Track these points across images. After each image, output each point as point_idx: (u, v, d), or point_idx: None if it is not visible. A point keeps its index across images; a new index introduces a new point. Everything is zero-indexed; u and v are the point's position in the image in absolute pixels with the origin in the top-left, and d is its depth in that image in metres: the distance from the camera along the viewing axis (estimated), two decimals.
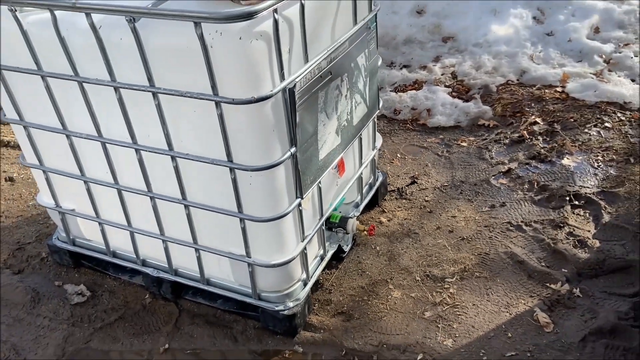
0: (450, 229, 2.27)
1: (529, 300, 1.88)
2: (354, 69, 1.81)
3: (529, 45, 3.39)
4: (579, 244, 2.09)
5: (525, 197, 2.40)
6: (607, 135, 2.70)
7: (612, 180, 2.41)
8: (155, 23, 1.38)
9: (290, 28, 1.42)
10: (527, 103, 3.05)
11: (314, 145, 1.64)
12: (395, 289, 1.99)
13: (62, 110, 1.72)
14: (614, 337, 1.70)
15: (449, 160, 2.76)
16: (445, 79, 3.37)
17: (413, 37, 3.72)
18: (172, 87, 1.44)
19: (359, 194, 2.25)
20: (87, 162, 1.83)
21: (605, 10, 3.42)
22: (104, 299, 2.08)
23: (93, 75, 1.55)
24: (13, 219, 2.59)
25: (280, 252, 1.69)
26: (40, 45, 1.59)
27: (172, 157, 1.59)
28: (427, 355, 1.71)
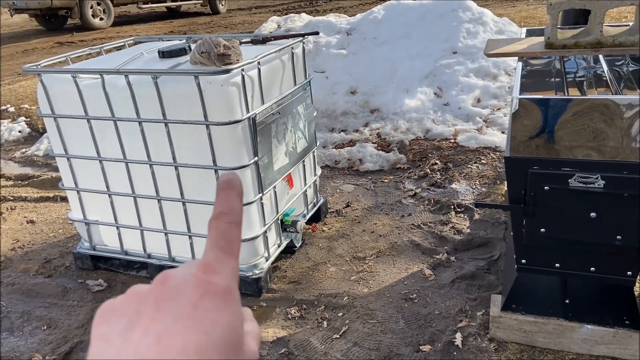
0: (372, 230, 2.97)
1: (420, 265, 2.57)
2: (295, 114, 2.59)
3: (432, 112, 4.30)
4: (457, 232, 2.82)
5: (424, 209, 3.15)
6: (483, 168, 3.53)
7: (483, 194, 3.20)
8: (170, 79, 2.13)
9: (252, 81, 2.20)
10: (430, 151, 3.89)
11: (269, 158, 2.37)
12: (331, 266, 2.65)
13: (99, 143, 2.41)
14: (473, 279, 2.39)
15: (374, 191, 3.51)
16: (372, 138, 4.21)
17: (348, 110, 4.60)
18: (178, 118, 2.17)
19: (305, 207, 2.94)
20: (112, 180, 2.48)
21: (484, 86, 4.40)
22: (118, 287, 2.64)
23: (124, 116, 2.26)
24: (39, 245, 3.14)
25: (249, 231, 2.34)
26: (89, 99, 2.31)
27: (175, 167, 2.28)
28: (351, 298, 2.35)
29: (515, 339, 1.96)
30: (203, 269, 0.34)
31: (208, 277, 0.33)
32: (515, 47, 2.09)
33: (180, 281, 0.33)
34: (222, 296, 0.33)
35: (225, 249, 0.35)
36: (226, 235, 0.36)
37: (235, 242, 0.36)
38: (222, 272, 0.34)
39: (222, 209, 0.36)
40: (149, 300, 0.33)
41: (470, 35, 4.79)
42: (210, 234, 0.36)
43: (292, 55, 2.53)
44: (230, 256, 0.35)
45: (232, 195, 0.37)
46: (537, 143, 1.65)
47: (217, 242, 0.36)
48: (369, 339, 2.10)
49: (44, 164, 4.36)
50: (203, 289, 0.32)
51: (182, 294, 0.32)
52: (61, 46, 9.21)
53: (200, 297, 0.32)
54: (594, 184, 1.58)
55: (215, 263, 0.34)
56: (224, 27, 9.64)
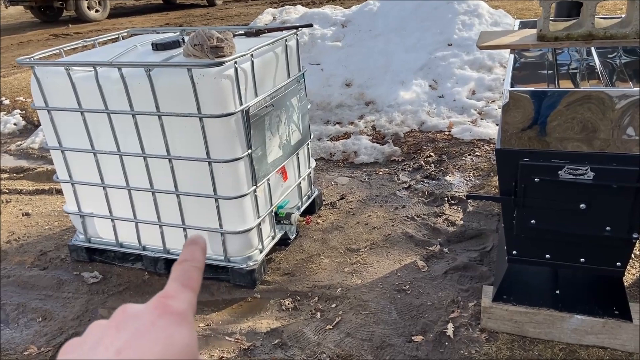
0: (366, 222, 2.98)
1: (414, 256, 2.58)
2: (289, 106, 2.58)
3: (427, 104, 4.30)
4: (451, 224, 2.83)
5: (419, 201, 3.16)
6: (477, 160, 3.54)
7: (477, 187, 3.21)
8: (163, 72, 2.12)
9: (245, 74, 2.19)
10: (425, 143, 3.89)
11: (263, 151, 2.36)
12: (325, 258, 2.66)
13: (93, 135, 2.40)
14: (465, 270, 2.40)
15: (369, 183, 3.52)
16: (367, 130, 4.21)
17: (343, 103, 4.60)
18: (171, 111, 2.16)
19: (299, 200, 2.95)
20: (106, 173, 2.48)
21: (479, 79, 4.40)
22: (113, 279, 2.64)
23: (118, 108, 2.26)
24: (34, 237, 3.14)
25: (243, 223, 2.35)
26: (82, 91, 2.30)
27: (169, 159, 2.28)
28: (344, 289, 2.37)
29: (506, 329, 1.98)
30: (161, 294, 0.38)
31: (165, 301, 0.37)
32: (507, 39, 2.09)
33: (139, 308, 0.36)
34: (178, 316, 0.36)
35: (184, 284, 0.39)
36: (187, 273, 0.40)
37: (194, 279, 0.40)
38: (179, 299, 0.37)
39: (187, 257, 0.41)
40: (110, 326, 0.36)
41: (465, 27, 4.77)
42: (172, 274, 0.40)
43: (285, 47, 2.53)
44: (189, 289, 0.39)
45: (196, 249, 0.42)
46: (528, 135, 1.65)
47: (177, 277, 0.39)
48: (361, 330, 2.12)
49: (40, 157, 4.34)
50: (161, 310, 0.36)
51: (142, 316, 0.35)
52: (56, 38, 9.14)
53: (158, 315, 0.35)
54: (584, 176, 1.59)
55: (174, 292, 0.38)
56: (220, 19, 9.58)
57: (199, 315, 2.30)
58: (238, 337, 2.13)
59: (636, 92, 1.54)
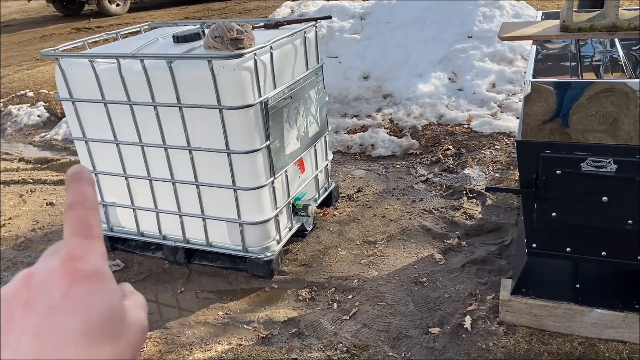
0: (383, 215, 2.98)
1: (431, 249, 2.57)
2: (307, 99, 2.59)
3: (445, 97, 4.27)
4: (469, 217, 2.81)
5: (436, 194, 3.15)
6: (496, 154, 3.50)
7: (496, 180, 3.18)
8: (184, 64, 2.15)
9: (264, 66, 2.20)
10: (443, 136, 3.87)
11: (281, 142, 2.38)
12: (342, 250, 2.67)
13: (115, 126, 2.44)
14: (484, 264, 2.39)
15: (386, 176, 3.51)
16: (385, 123, 4.19)
17: (361, 96, 4.58)
18: (192, 102, 2.18)
19: (316, 192, 2.96)
20: (128, 163, 2.52)
21: (500, 71, 4.34)
22: (134, 268, 2.69)
23: (140, 100, 2.29)
24: (58, 226, 3.21)
25: (261, 214, 2.37)
26: (105, 83, 2.34)
27: (189, 151, 2.31)
28: (361, 281, 2.38)
29: (524, 322, 1.97)
30: (66, 257, 0.33)
31: (73, 265, 0.33)
32: (530, 30, 2.06)
33: (45, 276, 0.33)
34: (91, 279, 0.32)
35: (86, 235, 0.34)
36: (84, 221, 0.35)
37: (95, 226, 0.35)
38: (87, 257, 0.33)
39: (75, 198, 0.35)
40: (16, 302, 0.32)
41: (486, 19, 4.71)
42: (68, 223, 0.35)
43: (304, 39, 2.53)
44: (93, 240, 0.34)
45: (82, 185, 0.36)
46: (550, 127, 1.63)
47: (76, 229, 0.34)
48: (378, 321, 2.13)
49: (63, 148, 4.43)
50: (70, 277, 0.32)
51: (50, 287, 0.32)
52: (78, 32, 9.28)
53: (69, 285, 0.32)
54: (606, 168, 1.57)
55: (79, 249, 0.34)
56: (238, 13, 9.61)
57: (217, 303, 2.34)
58: (256, 326, 2.16)
59: None
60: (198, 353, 2.06)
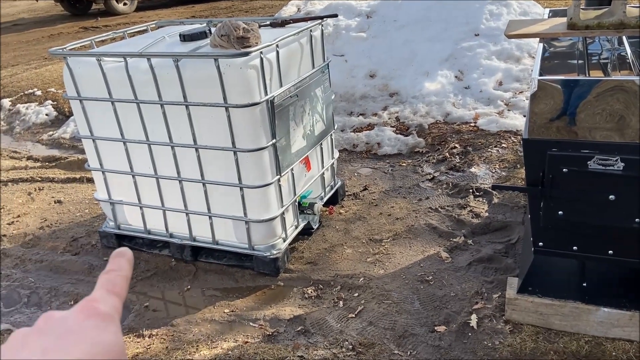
0: (389, 213, 2.98)
1: (437, 248, 2.57)
2: (313, 97, 2.60)
3: (452, 95, 4.25)
4: (475, 216, 2.81)
5: (442, 192, 3.14)
6: (503, 152, 3.49)
7: (503, 179, 3.17)
8: (190, 62, 2.16)
9: (270, 64, 2.21)
10: (450, 135, 3.86)
11: (287, 141, 2.38)
12: (348, 248, 2.67)
13: (122, 125, 2.46)
14: (490, 262, 2.39)
15: (392, 175, 3.51)
16: (391, 122, 4.19)
17: (367, 94, 4.58)
18: (198, 101, 2.19)
19: (322, 190, 2.96)
20: (135, 162, 2.54)
21: (506, 69, 4.32)
22: (141, 265, 2.71)
23: (147, 98, 2.30)
24: (66, 224, 3.24)
25: (267, 211, 2.38)
26: (113, 82, 2.35)
27: (196, 149, 2.32)
28: (367, 279, 2.38)
29: (530, 321, 1.96)
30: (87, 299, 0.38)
31: (91, 304, 0.38)
32: (537, 28, 2.05)
33: (64, 314, 0.37)
34: (104, 318, 0.37)
35: (109, 290, 0.40)
36: (112, 281, 0.41)
37: (119, 286, 0.41)
38: (105, 302, 0.38)
39: (112, 267, 0.43)
40: (32, 332, 0.36)
41: (493, 17, 4.69)
42: (99, 282, 0.41)
43: (310, 38, 2.53)
44: (114, 295, 0.40)
45: (121, 260, 0.43)
46: (556, 125, 1.63)
47: (103, 285, 0.40)
48: (384, 319, 2.13)
49: (71, 147, 4.46)
50: (87, 312, 0.37)
51: (67, 319, 0.36)
52: (86, 31, 9.33)
53: (85, 318, 0.36)
54: (613, 166, 1.56)
55: (99, 297, 0.39)
56: (245, 12, 9.63)
57: (224, 301, 2.35)
58: (262, 323, 2.17)
59: None
60: (204, 350, 2.07)
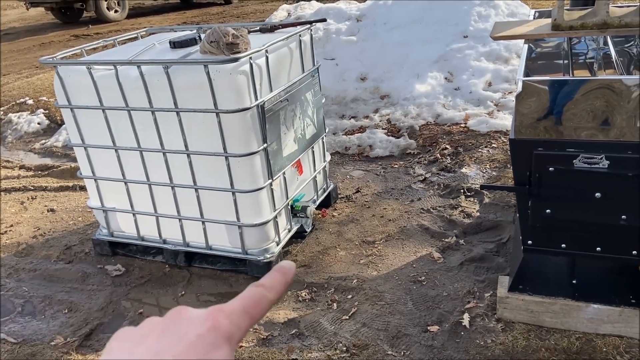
0: (382, 215, 2.99)
1: (429, 248, 2.59)
2: (304, 101, 2.61)
3: (442, 97, 4.28)
4: (467, 216, 2.83)
5: (434, 193, 3.16)
6: (493, 152, 3.52)
7: (493, 178, 3.19)
8: (180, 69, 2.16)
9: (260, 69, 2.22)
10: (441, 136, 3.88)
11: (278, 145, 2.39)
12: (341, 250, 2.68)
13: (114, 132, 2.46)
14: (482, 262, 2.40)
15: (384, 177, 3.53)
16: (382, 124, 4.21)
17: (358, 97, 4.60)
18: (189, 107, 2.20)
19: (315, 193, 2.97)
20: (127, 168, 2.54)
21: (496, 70, 4.36)
22: (135, 272, 2.71)
23: (138, 105, 2.31)
24: (59, 232, 3.23)
25: (260, 216, 2.39)
26: (103, 89, 2.36)
27: (187, 155, 2.32)
28: (360, 281, 2.39)
29: (522, 319, 1.98)
30: (219, 307, 0.37)
31: (218, 315, 0.36)
32: (522, 29, 2.08)
33: (193, 314, 0.37)
34: (224, 336, 0.36)
35: (247, 308, 0.38)
36: (256, 299, 0.39)
37: (259, 307, 0.39)
38: (233, 320, 0.37)
39: (266, 282, 0.41)
40: (160, 326, 0.36)
41: (481, 18, 4.73)
42: (243, 292, 0.40)
43: (299, 42, 2.55)
44: (248, 315, 0.38)
45: (279, 277, 0.41)
46: (542, 125, 1.65)
47: (245, 298, 0.39)
48: (377, 320, 2.14)
49: (63, 155, 4.45)
50: (211, 324, 0.36)
51: (192, 323, 0.36)
52: (77, 39, 9.31)
53: (206, 329, 0.35)
54: (599, 165, 1.58)
55: (232, 311, 0.37)
56: (236, 17, 9.65)
57: None
58: (256, 327, 2.17)
59: None
60: None
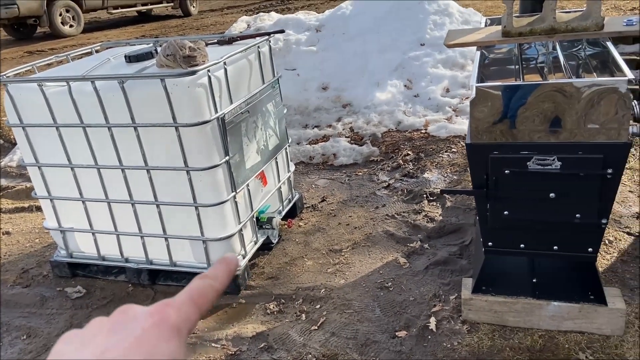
0: (347, 223, 3.00)
1: (395, 254, 2.60)
2: (265, 112, 2.60)
3: (402, 104, 4.35)
4: (430, 220, 2.86)
5: (398, 199, 3.19)
6: (453, 157, 3.59)
7: (454, 182, 3.25)
8: (136, 83, 2.12)
9: (219, 82, 2.20)
10: (402, 142, 3.93)
11: (241, 157, 2.37)
12: (308, 260, 2.67)
13: (69, 150, 2.38)
14: (446, 265, 2.44)
15: (349, 184, 3.54)
16: (345, 132, 4.23)
17: (321, 106, 4.62)
18: (147, 122, 2.15)
19: (280, 204, 2.95)
20: (85, 187, 2.46)
21: (452, 76, 4.46)
22: (97, 293, 2.62)
23: (93, 122, 2.24)
24: (15, 255, 3.09)
25: (224, 229, 2.35)
26: (56, 107, 2.28)
27: (147, 170, 2.27)
28: (328, 290, 2.38)
29: (486, 319, 2.01)
30: (165, 302, 0.37)
31: (165, 309, 0.36)
32: (473, 37, 2.13)
33: (139, 310, 0.37)
34: (171, 329, 0.35)
35: (193, 299, 0.38)
36: (201, 290, 0.39)
37: (206, 298, 0.39)
38: (180, 312, 0.37)
39: (210, 272, 0.41)
40: (106, 325, 0.36)
41: (437, 26, 4.84)
42: (188, 285, 0.39)
43: (258, 54, 2.54)
44: (195, 306, 0.38)
45: (222, 268, 0.42)
46: (496, 129, 1.69)
47: (190, 291, 0.39)
48: (346, 329, 2.13)
49: (18, 175, 4.28)
50: (157, 317, 0.36)
51: (138, 319, 0.36)
52: (31, 55, 9.02)
53: (153, 323, 0.35)
54: (551, 166, 1.63)
55: (179, 303, 0.37)
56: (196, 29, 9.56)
57: None
58: (224, 343, 2.13)
59: (598, 82, 1.59)
60: None
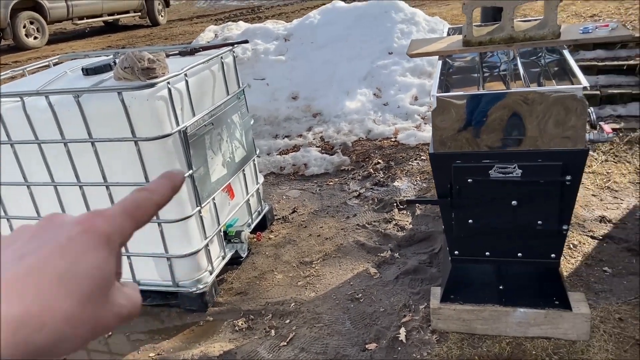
0: (318, 234, 2.97)
1: (366, 264, 2.59)
2: (230, 124, 2.56)
3: (372, 112, 4.36)
4: (400, 229, 2.86)
5: (369, 208, 3.18)
6: (423, 164, 3.60)
7: (424, 190, 3.26)
8: (92, 97, 2.06)
9: (180, 94, 2.15)
10: (373, 151, 3.94)
11: (205, 170, 2.32)
12: (278, 274, 2.63)
13: (24, 167, 2.29)
14: (416, 274, 2.43)
15: (320, 195, 3.52)
16: (316, 142, 4.22)
17: (291, 116, 4.60)
18: (104, 136, 2.09)
19: (249, 217, 2.91)
20: (41, 204, 2.37)
21: (420, 85, 4.51)
22: None
23: (49, 137, 2.17)
24: None
25: (189, 245, 2.29)
26: (10, 123, 2.20)
27: (106, 187, 2.20)
28: (298, 304, 2.34)
29: (455, 328, 2.00)
30: (96, 212, 0.34)
31: (94, 218, 0.33)
32: (435, 46, 2.14)
33: (67, 219, 0.34)
34: (99, 237, 0.33)
35: (128, 210, 0.35)
36: (138, 202, 0.36)
37: (142, 209, 0.36)
38: (110, 221, 0.34)
39: (150, 186, 0.38)
40: (29, 231, 0.33)
41: (404, 35, 4.89)
42: (126, 196, 0.37)
43: (222, 65, 2.50)
44: (129, 217, 0.35)
45: (164, 183, 0.39)
46: (458, 138, 1.69)
47: (125, 201, 0.36)
48: (315, 343, 2.10)
49: None
50: (84, 226, 0.33)
51: (63, 227, 0.33)
52: None
53: (80, 231, 0.32)
54: (512, 174, 1.64)
55: (109, 214, 0.34)
56: (164, 39, 9.45)
57: (149, 344, 2.22)
58: None
59: (557, 90, 1.61)
60: None
